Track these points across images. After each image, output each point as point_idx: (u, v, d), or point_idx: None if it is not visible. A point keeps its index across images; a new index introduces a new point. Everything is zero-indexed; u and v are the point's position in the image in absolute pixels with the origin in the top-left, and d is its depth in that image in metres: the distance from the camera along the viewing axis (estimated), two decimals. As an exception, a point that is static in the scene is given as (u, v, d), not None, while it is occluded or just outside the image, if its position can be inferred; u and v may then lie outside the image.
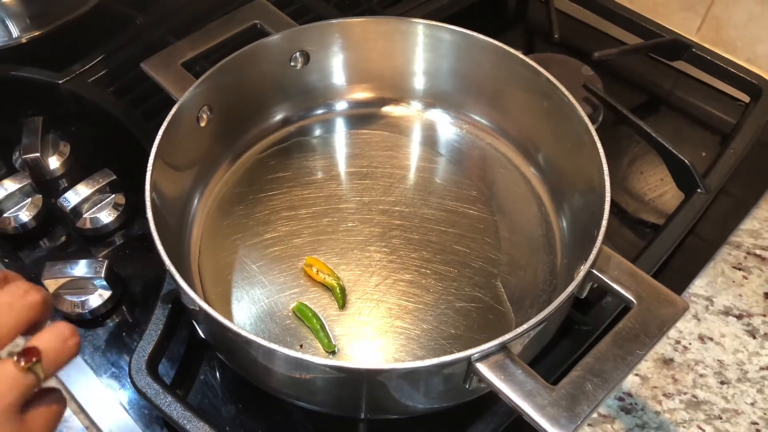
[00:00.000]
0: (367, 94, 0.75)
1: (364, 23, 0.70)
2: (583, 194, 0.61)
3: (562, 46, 0.85)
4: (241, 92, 0.67)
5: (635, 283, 0.50)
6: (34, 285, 0.39)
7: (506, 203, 0.67)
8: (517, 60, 0.65)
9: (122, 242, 0.68)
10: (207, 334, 0.56)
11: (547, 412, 0.43)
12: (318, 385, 0.50)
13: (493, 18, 0.93)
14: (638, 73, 0.85)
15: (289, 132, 0.73)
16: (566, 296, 0.48)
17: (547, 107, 0.64)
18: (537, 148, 0.69)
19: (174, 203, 0.62)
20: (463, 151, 0.72)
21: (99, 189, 0.67)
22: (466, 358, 0.45)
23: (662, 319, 0.48)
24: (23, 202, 0.67)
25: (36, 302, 0.38)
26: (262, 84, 0.69)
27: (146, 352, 0.54)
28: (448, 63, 0.71)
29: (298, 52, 0.69)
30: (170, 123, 0.58)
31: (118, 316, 0.63)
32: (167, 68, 0.66)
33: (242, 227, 0.65)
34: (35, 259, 0.66)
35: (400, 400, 0.50)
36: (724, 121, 0.80)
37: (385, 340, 0.58)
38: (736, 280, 0.67)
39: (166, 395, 0.52)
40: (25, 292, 0.38)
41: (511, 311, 0.60)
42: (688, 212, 0.67)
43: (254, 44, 0.66)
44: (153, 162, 0.56)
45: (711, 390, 0.60)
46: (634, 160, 0.76)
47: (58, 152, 0.73)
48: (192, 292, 0.48)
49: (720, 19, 0.83)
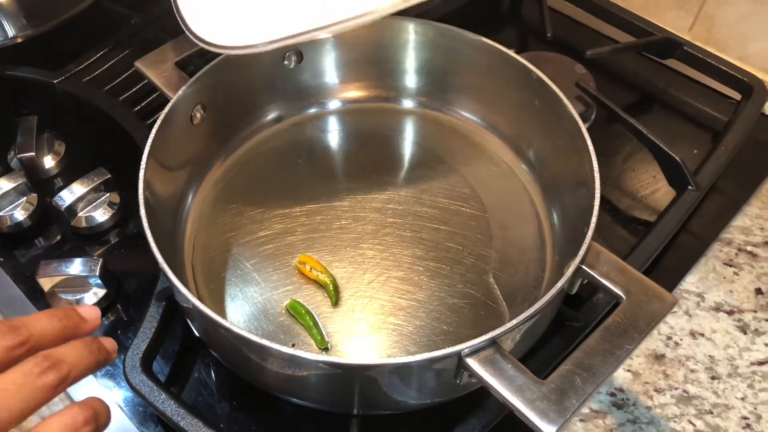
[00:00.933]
0: (359, 92, 0.75)
1: (357, 22, 0.71)
2: (574, 191, 0.62)
3: (555, 44, 0.86)
4: (234, 91, 0.68)
5: (624, 279, 0.50)
6: (63, 355, 0.35)
7: (498, 201, 0.68)
8: (509, 59, 0.66)
9: (117, 241, 0.68)
10: (201, 332, 0.57)
11: (536, 406, 0.44)
12: (311, 381, 0.50)
13: (487, 16, 0.93)
14: (631, 72, 0.86)
15: (282, 130, 0.73)
16: (556, 292, 0.48)
17: (538, 105, 0.65)
18: (528, 145, 0.70)
19: (167, 201, 0.62)
20: (455, 149, 0.72)
21: (94, 188, 0.67)
22: (456, 353, 0.45)
23: (651, 314, 0.48)
24: (18, 201, 0.68)
25: (52, 384, 0.34)
26: (255, 83, 0.70)
27: (141, 349, 0.55)
28: (440, 61, 0.71)
29: (291, 51, 0.70)
30: (163, 122, 0.59)
31: (112, 314, 0.63)
32: (161, 67, 0.66)
33: (236, 225, 0.65)
34: (30, 257, 0.67)
35: (392, 395, 0.50)
36: (715, 118, 0.80)
37: (378, 336, 0.58)
38: (727, 276, 0.67)
39: (160, 393, 0.52)
40: (41, 372, 0.34)
41: (505, 307, 0.60)
42: (679, 209, 0.67)
43: (247, 43, 0.66)
44: (146, 160, 0.56)
45: (702, 385, 0.60)
46: (626, 157, 0.76)
47: (53, 151, 0.73)
48: (185, 289, 0.48)
49: (712, 18, 0.84)
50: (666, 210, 0.68)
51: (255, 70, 0.68)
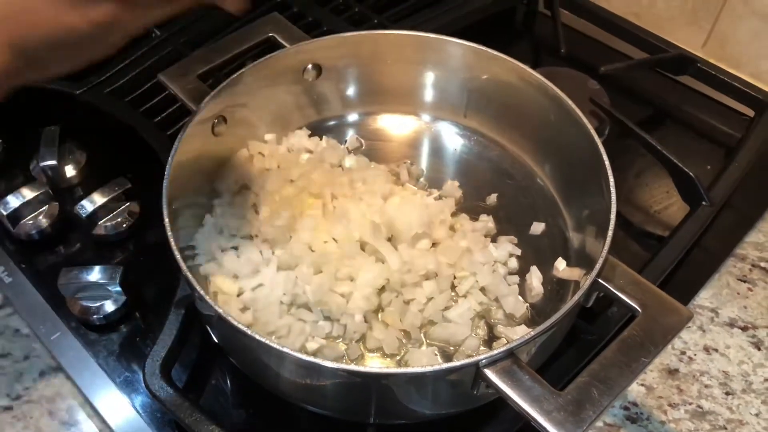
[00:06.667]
0: (377, 105, 0.76)
1: (375, 37, 0.72)
2: (590, 206, 0.62)
3: (568, 60, 0.87)
4: (254, 103, 0.69)
5: (640, 292, 0.51)
6: None
7: (513, 214, 0.68)
8: (525, 74, 0.67)
9: (136, 249, 0.69)
10: (220, 339, 0.57)
11: (553, 417, 0.44)
12: (328, 388, 0.51)
13: (501, 32, 0.94)
14: (644, 87, 0.86)
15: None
16: (572, 305, 0.49)
17: (554, 120, 0.66)
18: (544, 160, 0.70)
19: (188, 210, 0.63)
20: (471, 163, 0.73)
21: (114, 197, 0.68)
22: (474, 363, 0.46)
23: (667, 327, 0.49)
24: (40, 209, 0.69)
25: None
26: (275, 95, 0.71)
27: (160, 356, 0.55)
28: (456, 76, 0.72)
29: (311, 65, 0.71)
30: (187, 132, 0.60)
31: (131, 321, 0.64)
32: (184, 79, 0.67)
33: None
34: (51, 265, 0.68)
35: (409, 405, 0.51)
36: (728, 134, 0.81)
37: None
38: (741, 292, 0.68)
39: (179, 399, 0.53)
40: None
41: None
42: (693, 224, 0.68)
43: (268, 57, 0.67)
44: (170, 170, 0.57)
45: (716, 401, 0.60)
46: (639, 172, 0.77)
47: (74, 161, 0.74)
48: (208, 297, 0.49)
49: (725, 35, 0.85)
50: (680, 225, 0.68)
51: (275, 82, 0.69)
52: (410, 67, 0.73)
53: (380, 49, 0.72)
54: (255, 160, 0.69)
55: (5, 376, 0.61)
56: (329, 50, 0.71)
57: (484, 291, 0.61)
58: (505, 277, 0.63)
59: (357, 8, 0.88)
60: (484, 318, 0.60)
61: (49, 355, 0.62)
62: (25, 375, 0.61)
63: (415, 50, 0.71)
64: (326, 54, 0.71)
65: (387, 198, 0.65)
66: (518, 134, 0.72)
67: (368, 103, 0.76)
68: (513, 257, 0.64)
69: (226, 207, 0.65)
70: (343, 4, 0.89)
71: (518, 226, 0.67)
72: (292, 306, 0.59)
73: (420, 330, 0.59)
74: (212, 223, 0.64)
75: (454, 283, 0.61)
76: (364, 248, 0.61)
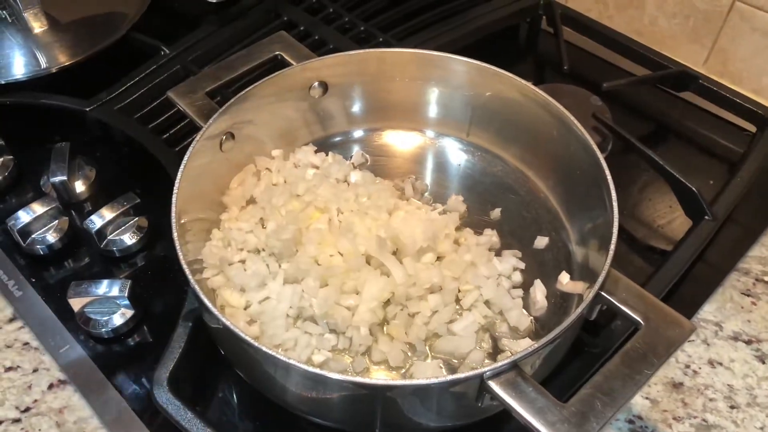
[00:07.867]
0: (382, 122, 0.77)
1: (380, 55, 0.73)
2: (593, 220, 0.63)
3: (571, 76, 0.88)
4: (261, 120, 0.70)
5: (643, 305, 0.51)
6: None
7: (517, 228, 0.69)
8: (528, 90, 0.68)
9: (144, 263, 0.70)
10: (228, 352, 0.58)
11: (557, 428, 0.44)
12: (334, 400, 0.51)
13: (505, 50, 0.95)
14: (646, 104, 0.87)
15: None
16: (576, 317, 0.49)
17: (557, 136, 0.67)
18: (547, 175, 0.71)
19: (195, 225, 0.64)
20: (474, 178, 0.74)
21: (123, 212, 0.69)
22: (479, 375, 0.46)
23: (670, 339, 0.49)
24: (50, 224, 0.70)
25: None
26: (282, 112, 0.72)
27: (168, 369, 0.56)
28: (460, 93, 0.73)
29: (317, 82, 0.72)
30: (195, 149, 0.61)
31: (139, 334, 0.65)
32: (192, 97, 0.68)
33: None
34: (61, 279, 0.69)
35: (414, 417, 0.51)
36: (731, 150, 0.81)
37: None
38: (745, 306, 0.68)
39: (186, 411, 0.54)
40: None
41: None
42: (696, 239, 0.68)
43: (275, 74, 0.68)
44: (179, 185, 0.58)
45: (721, 414, 0.60)
46: (642, 187, 0.78)
47: (84, 176, 0.76)
48: (216, 310, 0.50)
49: (726, 52, 0.86)
50: (683, 239, 0.69)
51: (282, 100, 0.70)
52: (415, 84, 0.74)
53: (385, 67, 0.73)
54: (262, 176, 0.70)
55: (14, 388, 0.61)
56: (335, 68, 0.72)
57: (488, 304, 0.62)
58: (510, 290, 0.63)
59: (362, 27, 0.89)
60: (489, 331, 0.61)
61: (58, 367, 0.62)
62: (33, 387, 0.62)
63: (419, 68, 0.73)
64: (332, 72, 0.72)
65: (392, 212, 0.66)
66: (522, 150, 0.73)
67: (373, 120, 0.77)
68: (517, 271, 0.65)
69: (234, 221, 0.66)
70: (349, 22, 0.90)
71: (522, 240, 0.68)
72: (298, 319, 0.60)
73: (425, 343, 0.59)
74: (220, 237, 0.65)
75: (459, 297, 0.62)
76: (370, 262, 0.62)
